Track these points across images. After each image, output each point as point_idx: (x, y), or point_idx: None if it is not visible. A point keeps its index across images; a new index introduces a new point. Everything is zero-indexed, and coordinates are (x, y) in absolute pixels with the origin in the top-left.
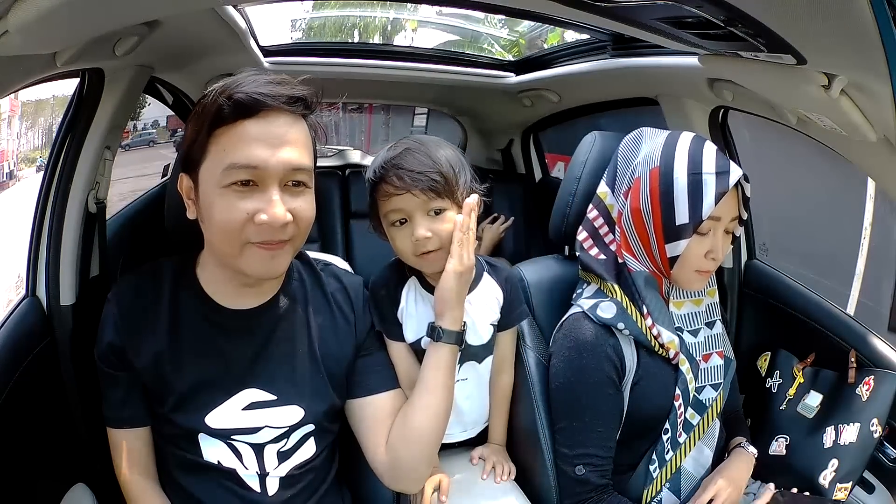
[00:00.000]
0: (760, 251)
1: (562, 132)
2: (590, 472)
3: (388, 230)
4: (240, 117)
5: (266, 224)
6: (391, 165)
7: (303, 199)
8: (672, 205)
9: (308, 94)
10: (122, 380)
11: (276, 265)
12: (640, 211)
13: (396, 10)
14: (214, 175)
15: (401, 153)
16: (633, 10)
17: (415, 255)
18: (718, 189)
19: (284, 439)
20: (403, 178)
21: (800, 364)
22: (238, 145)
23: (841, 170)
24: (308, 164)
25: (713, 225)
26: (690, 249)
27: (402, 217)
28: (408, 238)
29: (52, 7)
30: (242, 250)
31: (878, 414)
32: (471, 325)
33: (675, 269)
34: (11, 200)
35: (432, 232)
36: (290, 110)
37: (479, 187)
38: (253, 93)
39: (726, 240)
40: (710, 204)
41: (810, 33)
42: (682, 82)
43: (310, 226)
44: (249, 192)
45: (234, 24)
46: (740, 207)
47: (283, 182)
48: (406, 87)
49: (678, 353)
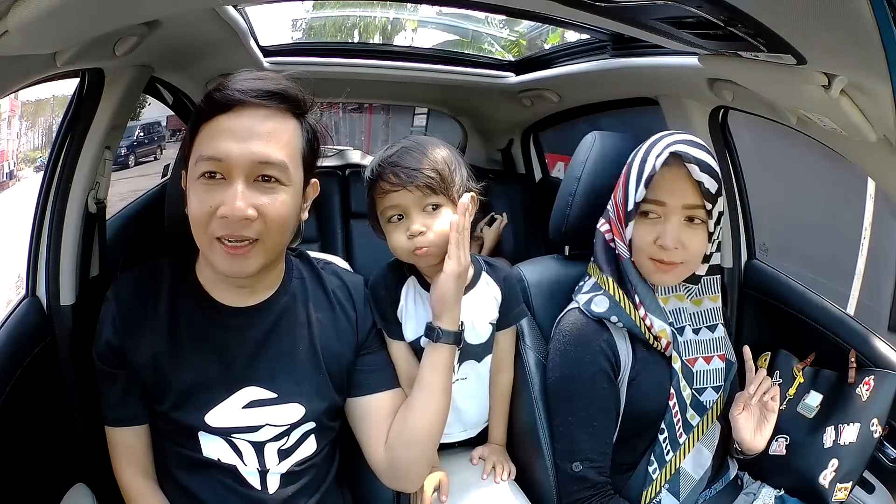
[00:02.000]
0: (760, 251)
1: (562, 132)
2: (587, 469)
3: (385, 227)
4: (215, 113)
5: (226, 218)
6: (388, 163)
7: (273, 196)
8: (627, 190)
9: (291, 89)
10: (121, 378)
11: (242, 266)
12: (616, 200)
13: (396, 10)
14: (191, 167)
15: (397, 151)
16: (633, 10)
17: (410, 251)
18: (649, 171)
19: (285, 437)
20: (399, 174)
21: (800, 364)
22: (210, 138)
23: (841, 170)
24: (279, 158)
25: (659, 210)
26: (638, 234)
27: (399, 213)
28: (403, 234)
29: (52, 7)
30: (211, 245)
31: (878, 414)
32: (470, 324)
33: (633, 255)
34: (11, 201)
35: (427, 227)
36: (262, 104)
37: (476, 185)
38: (228, 89)
39: (690, 232)
40: (641, 187)
41: (810, 33)
42: (682, 82)
43: (282, 225)
44: (216, 185)
45: (234, 24)
46: (703, 198)
47: (251, 176)
48: (406, 87)
49: (670, 344)
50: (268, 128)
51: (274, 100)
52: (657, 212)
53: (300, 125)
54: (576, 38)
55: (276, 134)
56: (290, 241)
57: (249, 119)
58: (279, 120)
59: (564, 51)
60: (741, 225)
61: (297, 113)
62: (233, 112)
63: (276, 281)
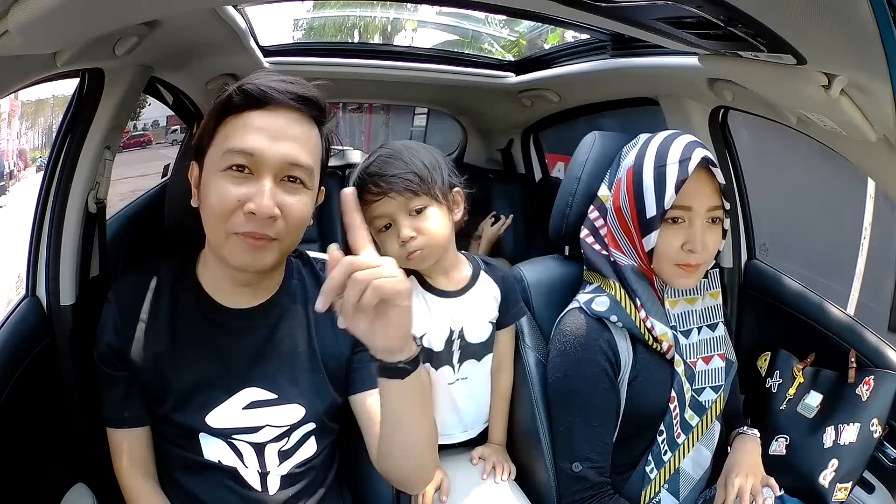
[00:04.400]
0: (760, 251)
1: (562, 132)
2: (587, 469)
3: (377, 238)
4: (247, 108)
5: (253, 213)
6: (367, 174)
7: (296, 198)
8: (643, 198)
9: (319, 97)
10: (122, 380)
11: (259, 259)
12: (621, 209)
13: (396, 10)
14: (215, 159)
15: (374, 161)
16: (633, 10)
17: (404, 257)
18: (679, 177)
19: (285, 438)
20: (379, 183)
21: (800, 364)
22: (240, 132)
23: (841, 170)
24: (307, 162)
25: (686, 215)
26: (664, 241)
27: (387, 222)
28: (395, 241)
29: (52, 7)
30: (228, 239)
31: (878, 414)
32: (470, 323)
33: (655, 263)
34: (11, 200)
35: (416, 230)
36: (297, 107)
37: (459, 180)
38: (263, 85)
39: (711, 231)
40: (672, 193)
41: (810, 33)
42: (682, 82)
43: (300, 227)
44: (244, 179)
45: (234, 24)
46: (721, 197)
47: (278, 175)
48: (406, 87)
49: (672, 347)
50: (298, 131)
51: (306, 105)
52: (684, 217)
53: (321, 133)
54: (575, 38)
55: (305, 138)
56: None
57: (283, 119)
58: (308, 125)
59: (564, 51)
60: (741, 225)
61: (320, 121)
62: (266, 110)
63: (276, 282)
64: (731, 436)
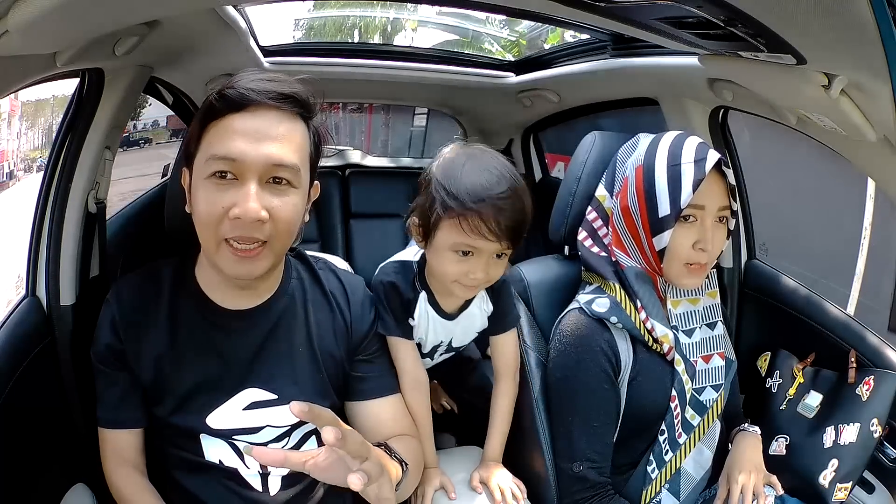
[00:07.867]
0: (760, 251)
1: (562, 132)
2: (587, 470)
3: (444, 252)
4: (228, 111)
5: (239, 219)
6: (492, 205)
7: (284, 199)
8: (655, 198)
9: (302, 92)
10: (121, 380)
11: (252, 268)
12: (629, 208)
13: (396, 10)
14: (200, 166)
15: (504, 194)
16: (633, 10)
17: (459, 282)
18: (696, 176)
19: (286, 438)
20: (502, 227)
21: (800, 364)
22: (222, 138)
23: (841, 170)
24: (292, 161)
25: (698, 213)
26: (676, 240)
27: (470, 251)
28: (461, 266)
29: (52, 7)
30: (219, 247)
31: (878, 414)
32: (459, 335)
33: (665, 263)
34: (11, 200)
35: (489, 275)
36: (278, 106)
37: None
38: (241, 88)
39: (719, 231)
40: (689, 192)
41: (810, 33)
42: (682, 82)
43: (290, 227)
44: (228, 185)
45: (234, 24)
46: (729, 197)
47: (263, 177)
48: (406, 87)
49: (672, 349)
50: (281, 130)
51: (287, 102)
52: (696, 215)
53: (308, 128)
54: (575, 38)
55: (289, 136)
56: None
57: (263, 120)
58: (291, 123)
59: (564, 51)
60: (741, 225)
61: (306, 116)
62: (246, 112)
63: (275, 282)
64: (732, 433)
